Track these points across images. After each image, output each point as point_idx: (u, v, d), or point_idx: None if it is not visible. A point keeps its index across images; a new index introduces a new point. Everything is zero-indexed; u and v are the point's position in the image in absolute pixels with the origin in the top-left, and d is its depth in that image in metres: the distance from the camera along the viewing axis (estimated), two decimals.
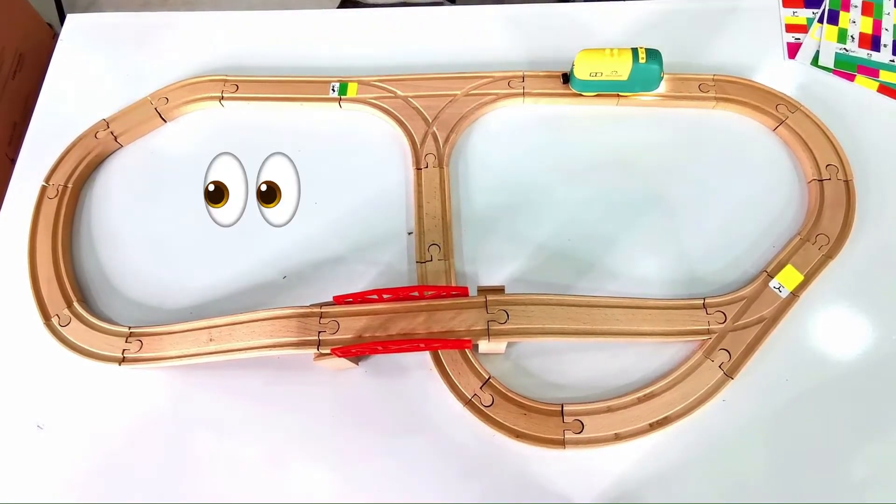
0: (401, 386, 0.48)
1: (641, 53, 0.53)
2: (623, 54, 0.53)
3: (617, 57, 0.53)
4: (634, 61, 0.53)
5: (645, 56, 0.53)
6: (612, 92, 0.57)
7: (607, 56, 0.53)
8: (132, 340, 0.49)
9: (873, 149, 0.56)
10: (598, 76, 0.55)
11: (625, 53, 0.53)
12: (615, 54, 0.53)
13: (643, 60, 0.53)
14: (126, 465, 0.47)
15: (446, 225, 0.52)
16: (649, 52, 0.53)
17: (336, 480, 0.46)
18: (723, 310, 0.48)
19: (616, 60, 0.53)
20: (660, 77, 0.55)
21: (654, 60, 0.53)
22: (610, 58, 0.53)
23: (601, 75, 0.54)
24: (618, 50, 0.53)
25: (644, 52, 0.53)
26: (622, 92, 0.57)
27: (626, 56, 0.53)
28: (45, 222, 0.55)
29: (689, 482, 0.44)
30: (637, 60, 0.53)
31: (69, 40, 0.66)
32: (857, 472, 0.44)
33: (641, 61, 0.53)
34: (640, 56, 0.53)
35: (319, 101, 0.60)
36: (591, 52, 0.54)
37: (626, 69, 0.53)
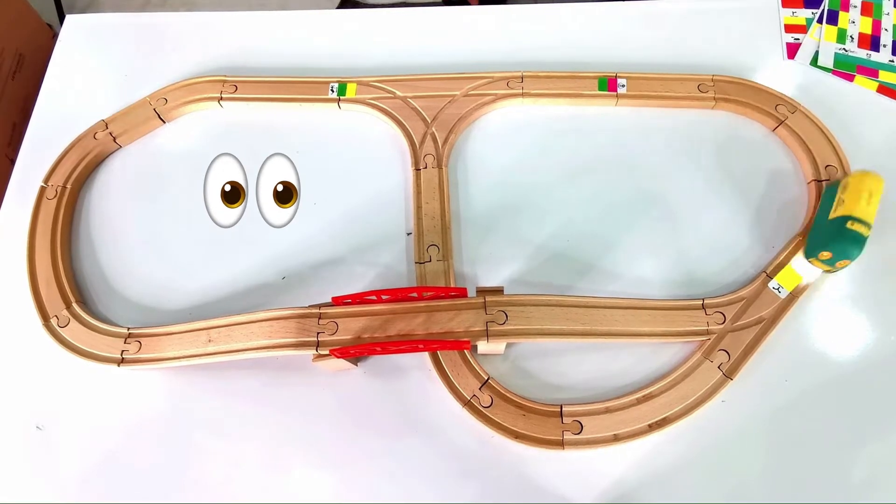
0: (400, 387, 0.48)
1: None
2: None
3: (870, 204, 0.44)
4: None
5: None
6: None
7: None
8: (131, 341, 0.49)
9: (873, 149, 0.55)
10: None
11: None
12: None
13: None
14: (125, 466, 0.47)
15: (445, 225, 0.52)
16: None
17: (335, 481, 0.46)
18: (722, 310, 0.48)
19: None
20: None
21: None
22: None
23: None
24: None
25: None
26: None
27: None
28: (43, 223, 0.55)
29: (689, 483, 0.44)
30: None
31: (68, 41, 0.66)
32: (857, 472, 0.44)
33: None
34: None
35: (318, 101, 0.60)
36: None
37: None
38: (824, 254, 0.46)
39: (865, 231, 0.44)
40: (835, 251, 0.45)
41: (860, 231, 0.44)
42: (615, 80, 0.58)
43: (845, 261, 0.45)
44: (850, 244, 0.44)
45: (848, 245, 0.44)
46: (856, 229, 0.43)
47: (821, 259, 0.46)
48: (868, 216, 0.44)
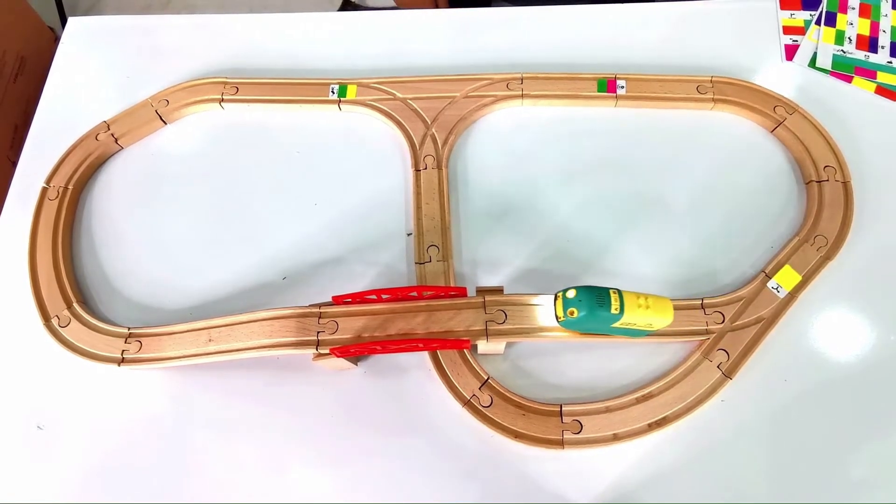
0: (400, 386, 0.48)
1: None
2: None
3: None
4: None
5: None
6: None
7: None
8: (131, 341, 0.49)
9: (871, 150, 0.56)
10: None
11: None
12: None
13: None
14: (125, 466, 0.47)
15: (445, 226, 0.52)
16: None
17: (335, 480, 0.46)
18: (721, 310, 0.48)
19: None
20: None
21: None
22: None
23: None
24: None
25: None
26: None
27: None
28: (45, 224, 0.55)
29: (688, 482, 0.44)
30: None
31: (70, 43, 0.67)
32: (856, 472, 0.44)
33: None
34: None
35: (319, 103, 0.60)
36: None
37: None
38: (574, 311, 0.41)
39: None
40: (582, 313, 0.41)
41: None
42: (614, 81, 0.59)
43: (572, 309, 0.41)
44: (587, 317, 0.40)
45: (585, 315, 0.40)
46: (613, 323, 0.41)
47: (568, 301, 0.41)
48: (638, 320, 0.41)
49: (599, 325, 0.42)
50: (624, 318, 0.40)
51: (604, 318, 0.40)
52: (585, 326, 0.43)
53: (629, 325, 0.42)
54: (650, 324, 0.42)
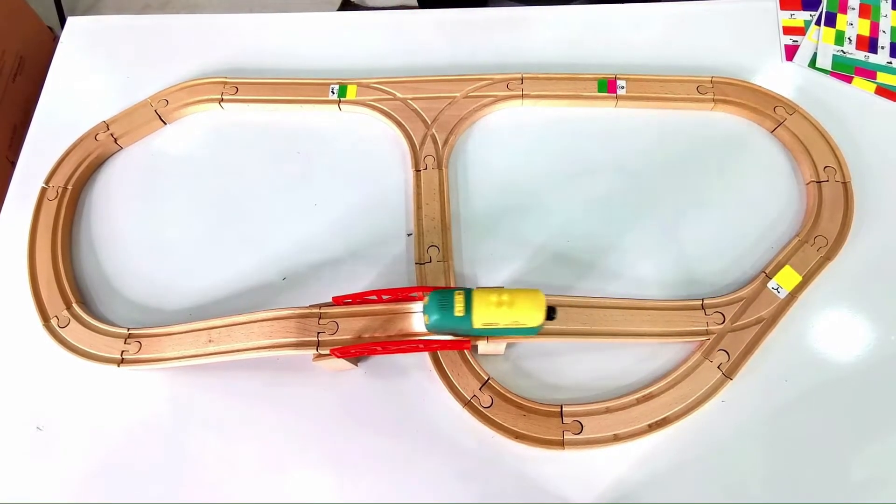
0: (400, 387, 0.48)
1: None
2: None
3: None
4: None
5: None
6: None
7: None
8: (131, 342, 0.49)
9: (871, 150, 0.56)
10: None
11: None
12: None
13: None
14: (125, 467, 0.47)
15: (445, 226, 0.52)
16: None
17: (335, 481, 0.46)
18: (721, 310, 0.48)
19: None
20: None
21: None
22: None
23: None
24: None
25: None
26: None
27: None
28: (44, 224, 0.55)
29: (688, 483, 0.44)
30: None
31: (70, 43, 0.67)
32: (857, 472, 0.44)
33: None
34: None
35: (319, 103, 0.60)
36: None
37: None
38: (427, 317, 0.41)
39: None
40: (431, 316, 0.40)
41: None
42: (614, 81, 0.59)
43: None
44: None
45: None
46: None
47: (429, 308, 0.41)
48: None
49: (460, 327, 0.40)
50: (476, 318, 0.39)
51: (456, 321, 0.39)
52: (449, 329, 0.42)
53: (491, 325, 0.40)
54: (516, 321, 0.39)
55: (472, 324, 0.39)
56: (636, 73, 0.59)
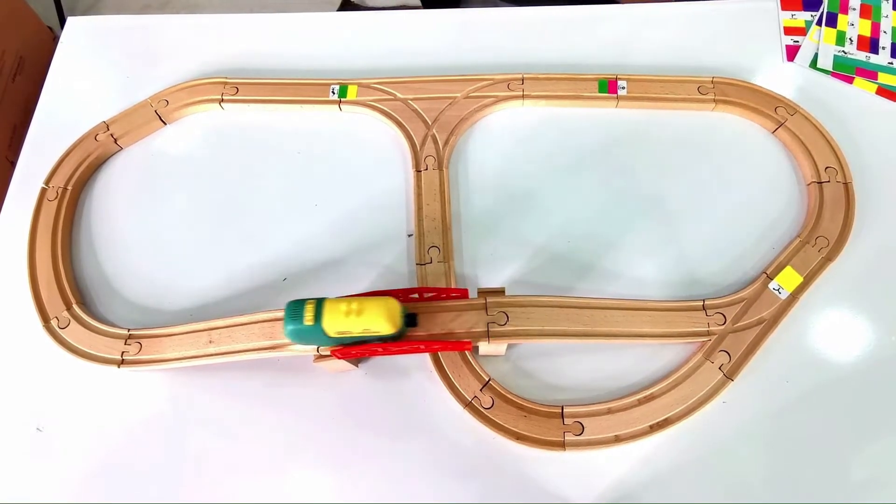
0: (401, 388, 0.48)
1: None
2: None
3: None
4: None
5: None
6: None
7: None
8: (131, 342, 0.49)
9: (872, 151, 0.56)
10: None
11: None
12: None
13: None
14: (125, 467, 0.47)
15: (446, 227, 0.52)
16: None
17: (336, 482, 0.46)
18: (722, 311, 0.48)
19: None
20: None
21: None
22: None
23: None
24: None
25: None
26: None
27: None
28: (44, 224, 0.55)
29: (690, 484, 0.44)
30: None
31: (70, 43, 0.67)
32: (857, 472, 0.44)
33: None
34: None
35: (319, 103, 0.60)
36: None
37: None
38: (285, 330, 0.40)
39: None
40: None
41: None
42: (615, 82, 0.58)
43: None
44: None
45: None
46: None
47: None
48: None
49: (316, 336, 0.40)
50: (327, 327, 0.39)
51: (308, 330, 0.39)
52: (309, 339, 0.42)
53: (344, 334, 0.40)
54: (367, 329, 0.39)
55: (324, 332, 0.39)
56: (637, 73, 0.59)
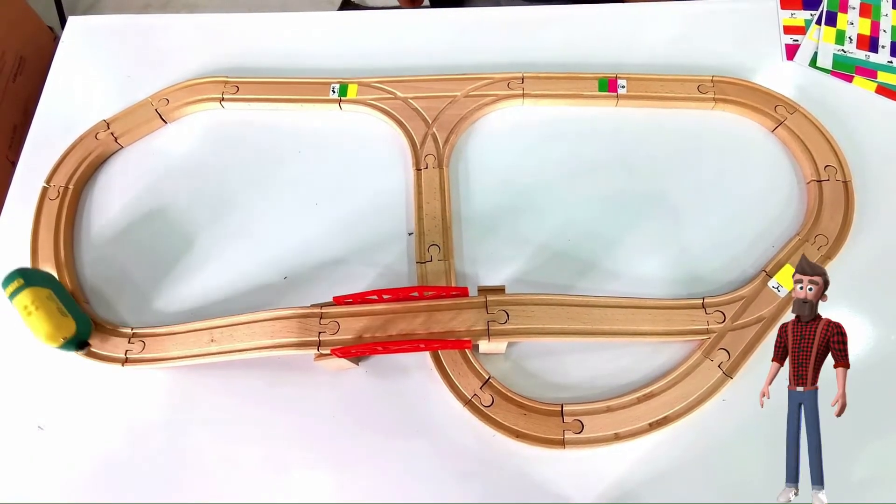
0: (401, 386, 0.48)
1: (14, 285, 0.46)
2: (24, 302, 0.45)
3: (35, 304, 0.45)
4: (26, 288, 0.46)
5: (16, 282, 0.46)
6: (68, 302, 0.48)
7: (36, 315, 0.45)
8: (135, 341, 0.49)
9: (872, 150, 0.56)
10: (64, 312, 0.47)
11: (23, 300, 0.45)
12: (32, 310, 0.45)
13: (21, 283, 0.46)
14: (128, 466, 0.47)
15: (446, 225, 0.52)
16: (9, 279, 0.46)
17: (336, 480, 0.46)
18: (722, 309, 0.48)
19: (39, 303, 0.45)
20: (26, 269, 0.48)
21: (15, 274, 0.46)
22: (38, 311, 0.45)
23: (62, 309, 0.47)
24: (24, 310, 0.45)
25: (12, 285, 0.46)
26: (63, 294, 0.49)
27: (25, 298, 0.45)
28: (46, 223, 0.55)
29: (689, 482, 0.45)
30: (21, 288, 0.46)
31: (70, 42, 0.67)
32: (857, 472, 0.45)
33: (21, 284, 0.46)
34: (17, 285, 0.46)
35: (320, 102, 0.60)
36: (40, 331, 0.45)
37: (39, 290, 0.46)
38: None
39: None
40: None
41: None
42: (615, 80, 0.59)
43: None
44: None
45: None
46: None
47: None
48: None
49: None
50: (16, 304, 0.45)
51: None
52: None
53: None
54: (35, 329, 0.45)
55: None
56: (637, 72, 0.59)
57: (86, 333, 0.48)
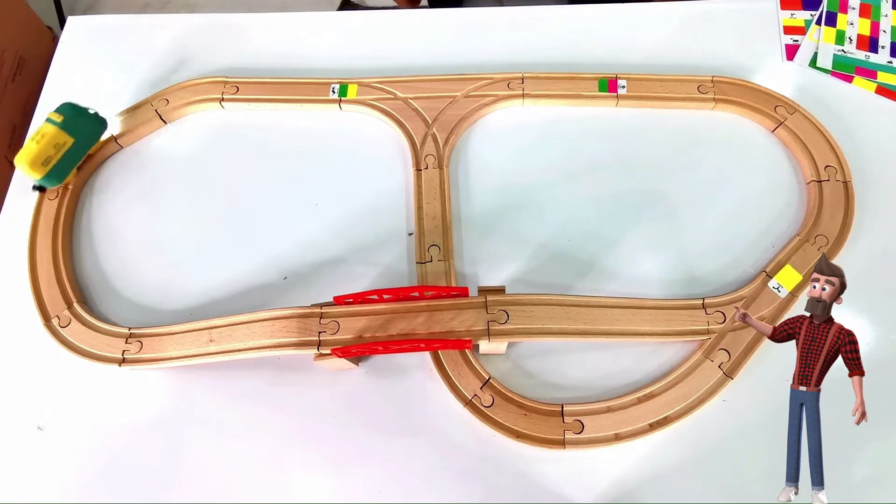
0: (401, 386, 0.48)
1: (54, 116, 0.53)
2: (46, 130, 0.52)
3: (45, 138, 0.52)
4: (58, 125, 0.52)
5: (59, 115, 0.53)
6: (79, 161, 0.56)
7: (38, 143, 0.52)
8: (132, 341, 0.49)
9: (872, 150, 0.56)
10: (52, 160, 0.52)
11: (45, 128, 0.52)
12: (40, 137, 0.52)
13: (61, 119, 0.52)
14: (126, 466, 0.47)
15: (446, 226, 0.52)
16: (60, 110, 0.53)
17: (336, 480, 0.46)
18: (722, 310, 0.48)
19: (49, 139, 0.52)
20: (93, 116, 0.55)
21: (70, 111, 0.53)
22: (42, 142, 0.52)
23: (54, 157, 0.53)
24: (38, 133, 0.52)
25: (55, 113, 0.53)
26: (87, 152, 0.56)
27: (49, 129, 0.52)
28: (45, 223, 0.55)
29: (689, 482, 0.44)
30: (58, 123, 0.52)
31: (70, 42, 0.67)
32: (858, 472, 0.44)
33: (60, 121, 0.52)
34: (56, 119, 0.52)
35: (320, 102, 0.60)
36: (23, 153, 0.52)
37: (63, 135, 0.53)
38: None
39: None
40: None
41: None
42: (615, 81, 0.59)
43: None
44: None
45: None
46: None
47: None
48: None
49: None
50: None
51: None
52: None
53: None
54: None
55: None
56: (637, 72, 0.59)
57: (46, 184, 0.54)
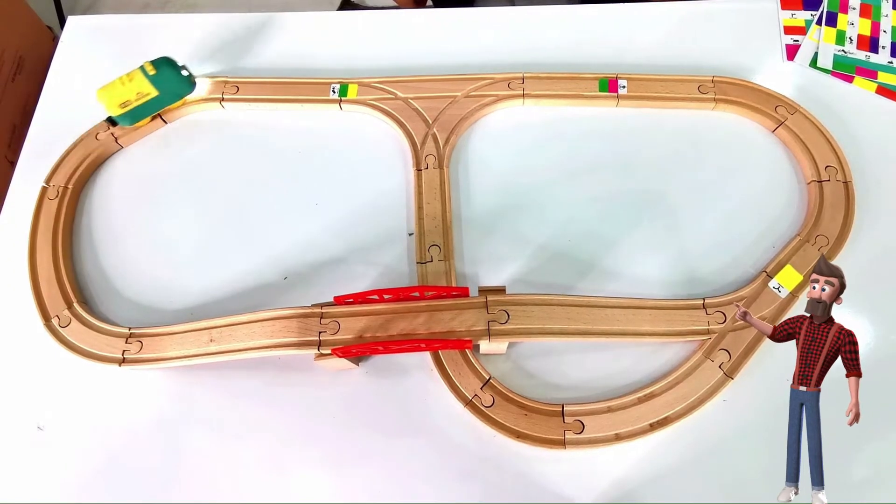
0: (401, 386, 0.48)
1: (148, 67, 0.55)
2: (135, 76, 0.54)
3: (131, 82, 0.54)
4: (147, 77, 0.54)
5: (153, 67, 0.55)
6: (157, 111, 0.58)
7: (123, 85, 0.54)
8: (132, 341, 0.49)
9: (872, 150, 0.56)
10: (130, 105, 0.55)
11: (135, 74, 0.55)
12: (128, 80, 0.54)
13: (153, 72, 0.54)
14: (126, 466, 0.47)
15: (446, 226, 0.52)
16: (156, 63, 0.55)
17: (336, 480, 0.46)
18: (722, 310, 0.48)
19: (134, 85, 0.54)
20: (185, 77, 0.58)
21: (165, 67, 0.55)
22: (127, 85, 0.54)
23: (133, 103, 0.55)
24: (127, 75, 0.54)
25: (150, 64, 0.55)
26: (168, 106, 0.58)
27: (137, 76, 0.54)
28: (45, 223, 0.55)
29: (690, 482, 0.44)
30: (148, 75, 0.54)
31: (70, 42, 0.67)
32: (858, 472, 0.44)
33: (151, 73, 0.54)
34: (148, 70, 0.54)
35: (320, 102, 0.60)
36: (106, 89, 0.54)
37: (148, 86, 0.55)
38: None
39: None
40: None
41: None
42: (616, 81, 0.59)
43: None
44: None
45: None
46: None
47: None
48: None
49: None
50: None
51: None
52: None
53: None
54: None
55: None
56: (637, 72, 0.59)
57: (119, 122, 0.57)
